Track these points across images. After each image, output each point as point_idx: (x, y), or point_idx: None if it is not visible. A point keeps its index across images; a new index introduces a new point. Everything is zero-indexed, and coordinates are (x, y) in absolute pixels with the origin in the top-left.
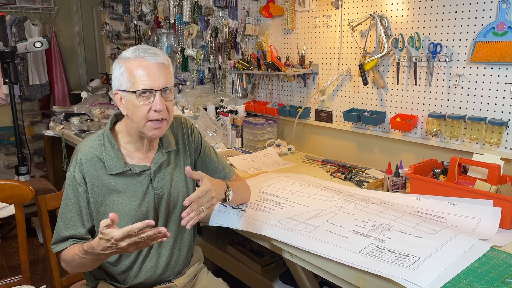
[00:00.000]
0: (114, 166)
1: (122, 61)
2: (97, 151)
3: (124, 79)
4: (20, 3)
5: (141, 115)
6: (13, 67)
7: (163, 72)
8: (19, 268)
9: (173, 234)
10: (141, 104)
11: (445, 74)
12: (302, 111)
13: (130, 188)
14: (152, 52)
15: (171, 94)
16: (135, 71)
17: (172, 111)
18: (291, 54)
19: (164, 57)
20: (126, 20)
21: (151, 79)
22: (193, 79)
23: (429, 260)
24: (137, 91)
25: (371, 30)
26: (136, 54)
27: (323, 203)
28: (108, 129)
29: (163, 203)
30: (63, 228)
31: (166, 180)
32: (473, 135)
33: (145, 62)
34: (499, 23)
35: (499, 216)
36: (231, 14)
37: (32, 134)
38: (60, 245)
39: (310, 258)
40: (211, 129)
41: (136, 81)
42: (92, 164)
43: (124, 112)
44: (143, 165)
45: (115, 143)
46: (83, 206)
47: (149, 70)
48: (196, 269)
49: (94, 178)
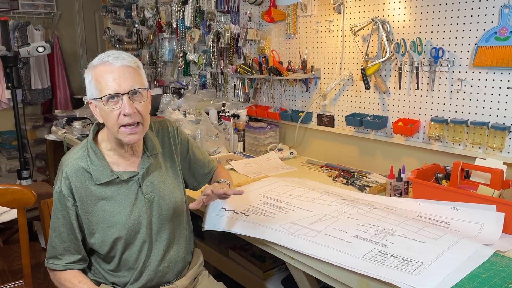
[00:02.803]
0: (101, 175)
1: (89, 69)
2: (82, 162)
3: (92, 87)
4: (23, 8)
5: (113, 121)
6: (15, 72)
7: (129, 74)
8: (21, 273)
9: (167, 236)
10: (109, 110)
11: (447, 79)
12: (304, 116)
13: (119, 195)
14: (118, 56)
15: (141, 96)
16: (100, 77)
17: (146, 113)
18: (293, 59)
19: (130, 59)
20: (128, 24)
21: (116, 83)
22: (195, 83)
23: (432, 265)
24: (103, 97)
25: (373, 35)
26: (101, 60)
27: (326, 207)
28: (91, 138)
29: (155, 207)
30: (58, 241)
31: (155, 184)
32: (476, 139)
33: (109, 67)
34: (501, 28)
35: (502, 221)
36: (233, 19)
37: (34, 138)
38: (56, 264)
39: (313, 263)
40: (213, 134)
41: (102, 87)
42: (78, 176)
43: (101, 121)
44: (130, 171)
45: (99, 152)
46: (73, 219)
47: (113, 74)
48: (197, 271)
49: (82, 190)
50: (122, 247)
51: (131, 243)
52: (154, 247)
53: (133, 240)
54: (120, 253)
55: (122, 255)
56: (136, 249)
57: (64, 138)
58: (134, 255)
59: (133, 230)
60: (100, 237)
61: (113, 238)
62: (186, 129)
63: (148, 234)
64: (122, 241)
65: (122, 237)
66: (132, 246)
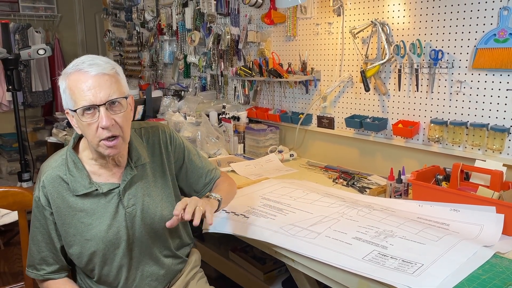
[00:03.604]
0: (78, 186)
1: (64, 77)
2: (60, 171)
3: (67, 97)
4: (24, 10)
5: (92, 134)
6: (16, 74)
7: (106, 83)
8: (22, 275)
9: (152, 251)
10: (86, 123)
11: (447, 81)
12: (304, 118)
13: (98, 208)
14: (92, 62)
15: (120, 106)
16: (74, 87)
17: (126, 124)
18: (293, 61)
19: (106, 66)
20: (128, 27)
21: (91, 94)
22: (196, 85)
23: (432, 267)
24: (78, 109)
25: (372, 37)
26: (75, 67)
27: (326, 209)
28: (71, 147)
29: (137, 221)
30: (36, 251)
31: (138, 197)
32: (475, 141)
33: (84, 75)
34: (501, 30)
35: (502, 222)
36: (233, 21)
37: (35, 141)
38: (35, 272)
39: (313, 265)
40: (213, 136)
41: (76, 98)
42: (55, 185)
43: (79, 132)
44: (110, 183)
45: (79, 161)
46: (51, 228)
47: (88, 83)
48: (188, 276)
49: (59, 200)
50: (100, 261)
51: (109, 258)
52: (137, 263)
53: (112, 256)
54: (99, 268)
55: (101, 270)
56: (116, 265)
57: (64, 140)
58: (114, 271)
59: (111, 245)
60: (78, 249)
61: (90, 252)
62: (186, 131)
63: (129, 250)
64: (100, 255)
65: (99, 251)
66: (111, 262)
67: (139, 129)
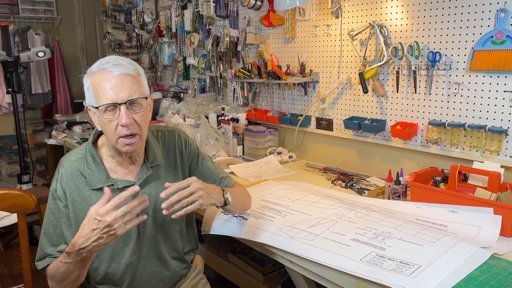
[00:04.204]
0: (96, 180)
1: (88, 76)
2: (79, 165)
3: (90, 94)
4: (23, 13)
5: (111, 131)
6: (16, 76)
7: (128, 83)
8: (21, 277)
9: (160, 251)
10: (107, 120)
11: (445, 83)
12: (303, 119)
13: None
14: (116, 63)
15: (140, 106)
16: (98, 85)
17: (144, 124)
18: (291, 63)
19: (129, 67)
20: (128, 29)
21: (113, 92)
22: (195, 87)
23: (429, 268)
24: (100, 106)
25: (370, 39)
26: (100, 67)
27: (324, 211)
28: (91, 142)
29: (149, 220)
30: (47, 244)
31: (152, 196)
32: (473, 143)
33: (107, 75)
34: (498, 32)
35: (500, 224)
36: (232, 24)
37: (34, 143)
38: (44, 261)
39: (311, 267)
40: (213, 137)
41: (99, 96)
42: (74, 178)
43: (99, 128)
44: (126, 180)
45: (98, 157)
46: (63, 221)
47: (111, 82)
48: (193, 282)
49: (75, 193)
50: (108, 257)
51: (118, 255)
52: (144, 263)
53: (120, 253)
54: (106, 265)
55: (108, 267)
56: (124, 262)
57: (64, 143)
58: (121, 268)
59: (121, 242)
60: None
61: None
62: None
63: (138, 248)
64: (109, 252)
65: (108, 247)
66: (119, 259)
67: (156, 131)
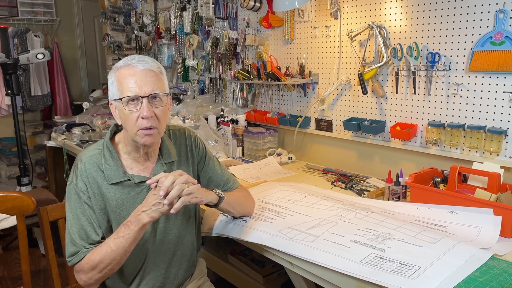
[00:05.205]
0: (113, 175)
1: (113, 71)
2: (97, 160)
3: (114, 89)
4: (23, 15)
5: (131, 123)
6: (15, 79)
7: (151, 78)
8: (21, 279)
9: (173, 246)
10: (129, 112)
11: (444, 83)
12: (303, 120)
13: (128, 199)
14: (142, 59)
15: (160, 101)
16: (123, 78)
17: (163, 119)
18: (291, 64)
19: (153, 64)
20: (127, 31)
21: (137, 86)
22: (194, 89)
23: (429, 269)
24: (123, 98)
25: (370, 40)
26: (125, 62)
27: (324, 212)
28: (108, 138)
29: (162, 217)
30: (78, 238)
31: None
32: (473, 143)
33: (132, 69)
34: (497, 33)
35: (500, 224)
36: (232, 25)
37: (34, 145)
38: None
39: (311, 268)
40: (212, 139)
41: (123, 89)
42: (92, 172)
43: (119, 122)
44: (142, 176)
45: (115, 152)
46: (90, 213)
47: (135, 77)
48: (197, 284)
49: (95, 186)
50: None
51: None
52: (156, 258)
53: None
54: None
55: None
56: (136, 255)
57: (63, 144)
58: (132, 264)
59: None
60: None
61: None
62: None
63: (151, 243)
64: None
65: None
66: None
67: (168, 130)
